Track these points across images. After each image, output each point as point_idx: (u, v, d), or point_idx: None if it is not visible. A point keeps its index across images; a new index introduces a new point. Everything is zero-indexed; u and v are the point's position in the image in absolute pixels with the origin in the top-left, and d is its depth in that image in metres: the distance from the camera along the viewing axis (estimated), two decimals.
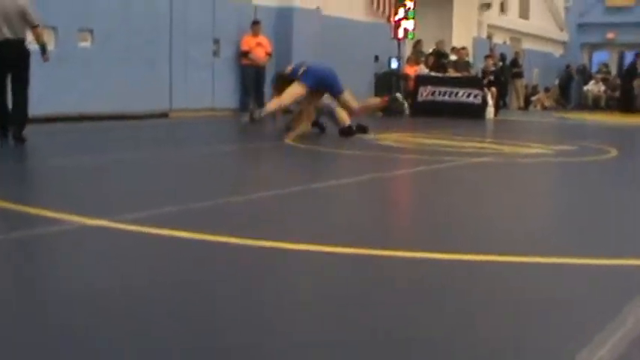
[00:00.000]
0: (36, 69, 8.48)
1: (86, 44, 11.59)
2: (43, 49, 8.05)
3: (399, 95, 8.51)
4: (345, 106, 9.12)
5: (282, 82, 9.31)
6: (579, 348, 2.23)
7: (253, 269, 3.07)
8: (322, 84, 9.07)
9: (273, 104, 8.54)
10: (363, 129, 9.53)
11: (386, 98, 8.80)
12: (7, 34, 7.81)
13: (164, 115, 12.79)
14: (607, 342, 2.29)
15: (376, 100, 8.99)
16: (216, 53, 13.98)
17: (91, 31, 11.62)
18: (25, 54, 8.00)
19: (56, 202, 4.48)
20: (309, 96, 9.16)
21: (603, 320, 2.47)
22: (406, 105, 8.55)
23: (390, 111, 8.59)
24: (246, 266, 3.11)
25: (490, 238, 3.88)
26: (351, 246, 3.44)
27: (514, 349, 2.31)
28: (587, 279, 3.07)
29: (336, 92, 9.15)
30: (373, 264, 3.23)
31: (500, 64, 21.26)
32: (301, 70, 9.10)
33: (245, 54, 14.21)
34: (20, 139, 7.81)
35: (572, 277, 3.10)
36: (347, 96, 9.15)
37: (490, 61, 19.20)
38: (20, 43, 7.95)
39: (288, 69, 9.42)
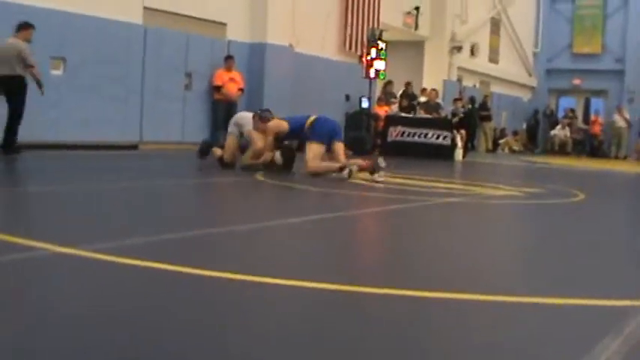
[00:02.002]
0: None
1: (58, 72, 11.54)
2: (39, 84, 9.83)
3: (381, 160, 8.64)
4: (336, 157, 9.15)
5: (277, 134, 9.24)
6: None
7: (222, 301, 3.04)
8: (331, 135, 9.26)
9: (313, 168, 8.86)
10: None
11: (371, 163, 8.90)
12: (4, 71, 9.61)
13: (134, 146, 12.73)
14: None
15: (361, 162, 9.04)
16: (188, 87, 13.99)
17: (63, 59, 11.58)
18: (18, 86, 9.70)
19: (25, 229, 4.41)
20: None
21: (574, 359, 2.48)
22: (384, 165, 8.74)
23: (372, 171, 8.76)
24: (215, 297, 3.08)
25: (461, 276, 3.89)
26: (318, 281, 3.42)
27: None
28: (559, 318, 3.08)
29: (336, 140, 9.32)
30: (343, 299, 3.22)
31: (470, 106, 21.57)
32: (307, 127, 9.11)
33: (217, 88, 14.23)
34: (4, 150, 9.60)
35: (544, 316, 3.11)
36: (340, 147, 9.24)
37: (459, 104, 19.47)
38: (14, 78, 9.66)
39: (283, 125, 9.24)
